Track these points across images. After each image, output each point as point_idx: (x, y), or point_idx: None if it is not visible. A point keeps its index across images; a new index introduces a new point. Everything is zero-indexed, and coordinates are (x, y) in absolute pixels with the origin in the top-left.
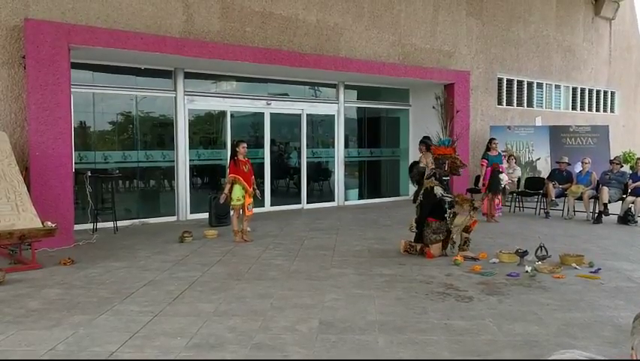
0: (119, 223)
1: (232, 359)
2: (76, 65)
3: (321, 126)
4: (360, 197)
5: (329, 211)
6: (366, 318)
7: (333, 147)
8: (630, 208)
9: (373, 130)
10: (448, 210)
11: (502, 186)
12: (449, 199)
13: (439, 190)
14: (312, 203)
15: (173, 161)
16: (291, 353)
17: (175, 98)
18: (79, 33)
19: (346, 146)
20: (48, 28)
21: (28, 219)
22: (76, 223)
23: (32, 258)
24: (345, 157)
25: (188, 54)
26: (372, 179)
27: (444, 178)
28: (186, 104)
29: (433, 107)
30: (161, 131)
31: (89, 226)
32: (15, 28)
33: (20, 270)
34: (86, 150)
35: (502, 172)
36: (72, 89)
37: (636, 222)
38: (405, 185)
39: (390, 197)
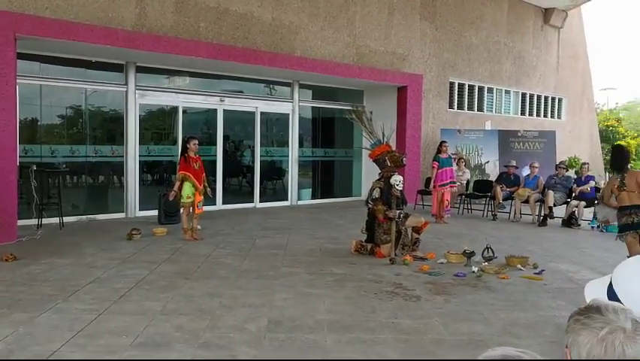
0: (66, 219)
1: (179, 359)
2: (23, 56)
3: (276, 125)
4: (313, 197)
5: (282, 210)
6: (315, 317)
7: (287, 146)
8: (574, 212)
9: (327, 130)
10: (397, 212)
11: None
12: (370, 204)
13: (375, 193)
14: (264, 202)
15: (123, 156)
16: (239, 352)
17: (126, 92)
18: (26, 23)
19: (300, 145)
20: None
21: None
22: (20, 219)
23: None
24: (299, 157)
25: (140, 48)
26: (325, 179)
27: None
28: (137, 98)
29: (351, 119)
30: (111, 126)
31: (34, 221)
32: None
33: None
34: (32, 143)
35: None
36: (18, 80)
37: (579, 225)
38: (357, 186)
39: (342, 197)
